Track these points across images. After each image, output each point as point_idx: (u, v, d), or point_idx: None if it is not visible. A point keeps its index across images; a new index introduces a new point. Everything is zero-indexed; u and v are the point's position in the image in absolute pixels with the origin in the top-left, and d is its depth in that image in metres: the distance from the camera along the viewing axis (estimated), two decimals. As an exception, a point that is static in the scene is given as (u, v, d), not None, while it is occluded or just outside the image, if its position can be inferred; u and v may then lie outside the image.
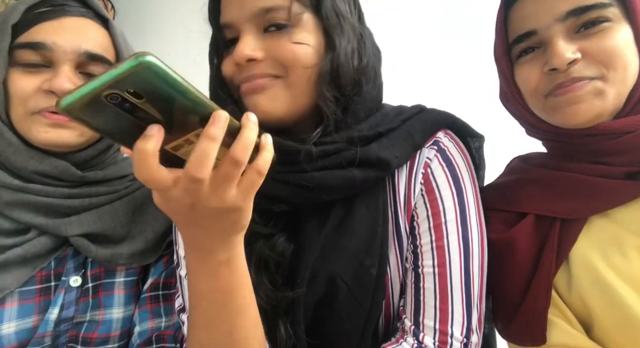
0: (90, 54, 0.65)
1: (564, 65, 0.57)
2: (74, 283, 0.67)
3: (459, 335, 0.58)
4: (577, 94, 0.57)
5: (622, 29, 0.57)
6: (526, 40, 0.61)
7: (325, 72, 0.57)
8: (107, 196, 0.70)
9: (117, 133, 0.34)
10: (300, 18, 0.57)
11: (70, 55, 0.63)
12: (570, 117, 0.59)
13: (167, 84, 0.31)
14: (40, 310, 0.64)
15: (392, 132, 0.62)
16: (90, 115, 0.31)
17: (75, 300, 0.66)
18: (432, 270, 0.59)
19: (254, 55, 0.55)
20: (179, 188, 0.37)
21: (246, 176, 0.39)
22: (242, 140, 0.37)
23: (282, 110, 0.58)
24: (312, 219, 0.60)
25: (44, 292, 0.65)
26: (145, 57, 0.29)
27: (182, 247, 0.65)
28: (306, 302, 0.58)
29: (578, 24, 0.57)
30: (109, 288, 0.70)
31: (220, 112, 0.35)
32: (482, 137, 0.71)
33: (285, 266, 0.60)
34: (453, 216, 0.60)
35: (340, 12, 0.60)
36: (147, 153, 0.33)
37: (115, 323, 0.69)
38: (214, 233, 0.43)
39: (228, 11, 0.58)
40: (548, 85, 0.60)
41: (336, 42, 0.58)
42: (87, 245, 0.66)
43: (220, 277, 0.46)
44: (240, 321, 0.49)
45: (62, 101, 0.29)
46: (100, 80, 0.29)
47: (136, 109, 0.32)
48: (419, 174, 0.62)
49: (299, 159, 0.57)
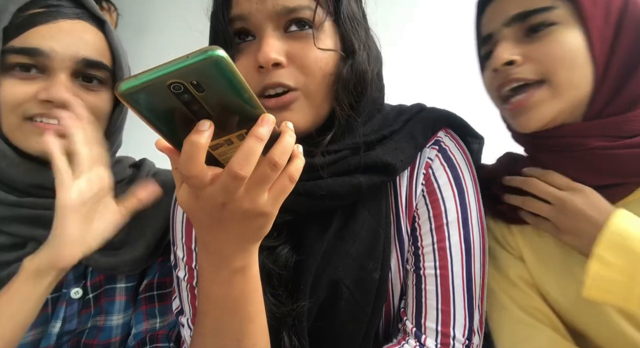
0: (88, 61, 0.62)
1: (499, 65, 0.58)
2: (75, 295, 0.65)
3: (461, 336, 0.57)
4: (524, 106, 0.59)
5: (570, 32, 0.56)
6: (487, 43, 0.64)
7: (346, 79, 0.56)
8: None
9: (164, 124, 0.34)
10: (322, 21, 0.55)
11: (68, 62, 0.61)
12: (524, 125, 0.61)
13: (231, 80, 0.31)
14: (37, 324, 0.62)
15: (396, 134, 0.61)
16: (145, 102, 0.32)
17: (77, 313, 0.65)
18: (433, 272, 0.59)
19: (279, 60, 0.53)
20: (215, 186, 0.37)
21: (278, 182, 0.40)
22: (282, 144, 0.37)
23: (308, 123, 0.57)
24: (314, 225, 0.60)
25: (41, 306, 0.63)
26: (217, 51, 0.30)
27: (180, 248, 0.65)
28: (309, 308, 0.58)
29: (523, 28, 0.58)
30: (111, 294, 0.69)
31: (269, 115, 0.36)
32: (482, 139, 0.71)
33: (287, 279, 0.59)
34: (455, 217, 0.60)
35: (354, 16, 0.59)
36: (199, 147, 0.34)
37: (116, 330, 0.69)
38: (236, 237, 0.42)
39: (245, 2, 0.55)
40: (494, 85, 0.63)
41: (355, 47, 0.57)
42: (90, 255, 0.63)
43: (234, 285, 0.45)
44: (250, 329, 0.48)
45: (123, 84, 0.30)
46: (169, 68, 0.30)
47: (193, 102, 0.32)
48: (421, 175, 0.62)
49: (306, 168, 0.57)
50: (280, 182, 0.40)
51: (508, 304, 0.63)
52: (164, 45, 1.76)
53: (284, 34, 0.55)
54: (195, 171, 0.35)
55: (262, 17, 0.54)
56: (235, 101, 0.33)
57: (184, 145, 0.34)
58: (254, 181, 0.37)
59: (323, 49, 0.55)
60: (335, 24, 0.57)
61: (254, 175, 0.37)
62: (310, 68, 0.54)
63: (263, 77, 0.54)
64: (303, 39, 0.55)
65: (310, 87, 0.55)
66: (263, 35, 0.54)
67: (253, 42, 0.56)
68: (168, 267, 0.71)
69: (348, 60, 0.57)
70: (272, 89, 0.55)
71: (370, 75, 0.59)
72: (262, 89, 0.55)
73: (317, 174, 0.56)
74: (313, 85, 0.55)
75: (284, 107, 0.55)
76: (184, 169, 0.35)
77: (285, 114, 0.55)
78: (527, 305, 0.62)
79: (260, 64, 0.53)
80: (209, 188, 0.37)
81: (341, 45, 0.57)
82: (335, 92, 0.57)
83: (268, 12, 0.54)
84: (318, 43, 0.55)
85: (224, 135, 0.36)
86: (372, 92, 0.61)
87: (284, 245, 0.60)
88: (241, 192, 0.38)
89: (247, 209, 0.39)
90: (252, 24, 0.55)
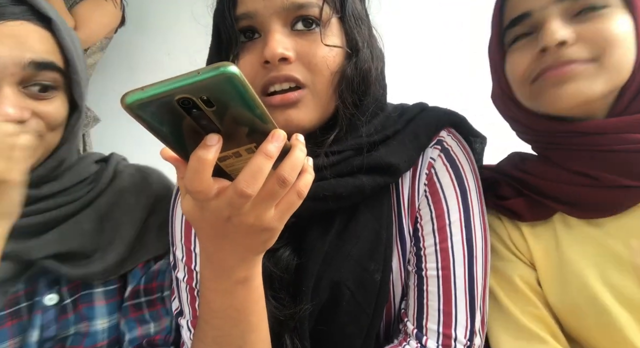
0: (37, 63, 0.55)
1: (554, 43, 0.54)
2: (50, 302, 0.62)
3: (463, 338, 0.57)
4: (565, 75, 0.55)
5: (621, 17, 0.55)
6: (520, 23, 0.59)
7: (350, 77, 0.56)
8: (68, 206, 0.63)
9: (170, 135, 0.33)
10: (329, 18, 0.55)
11: (12, 69, 0.54)
12: (555, 99, 0.56)
13: (243, 97, 0.31)
14: (14, 334, 0.60)
15: (399, 134, 0.61)
16: (151, 115, 0.31)
17: (54, 319, 0.62)
18: (435, 273, 0.58)
19: (287, 55, 0.52)
20: (221, 200, 0.36)
21: (286, 197, 0.39)
22: (292, 160, 0.37)
23: (313, 120, 0.56)
24: (315, 227, 0.59)
25: (14, 315, 0.60)
26: (229, 67, 0.29)
27: (180, 249, 0.64)
28: (310, 310, 0.57)
29: (576, 7, 0.55)
30: (89, 299, 0.65)
31: (279, 130, 0.35)
32: (484, 138, 0.71)
33: (289, 281, 0.59)
34: (457, 217, 0.59)
35: (358, 14, 0.58)
36: (206, 163, 0.33)
37: (102, 334, 0.66)
38: (239, 249, 0.42)
39: (251, 0, 0.54)
40: (536, 69, 0.58)
41: (359, 45, 0.57)
42: (58, 267, 0.61)
43: (236, 295, 0.45)
44: (252, 338, 0.48)
45: (129, 97, 0.29)
46: (178, 83, 0.29)
47: (202, 116, 0.31)
48: (423, 175, 0.61)
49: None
50: (288, 198, 0.39)
51: (511, 309, 0.62)
52: (167, 39, 1.75)
53: (291, 31, 0.54)
54: (201, 186, 0.35)
55: (270, 14, 0.53)
56: (246, 116, 0.33)
57: (190, 159, 0.33)
58: (261, 197, 0.37)
59: (330, 45, 0.55)
60: (340, 21, 0.57)
61: (262, 191, 0.36)
62: (318, 65, 0.54)
63: (268, 73, 0.53)
64: (310, 37, 0.54)
65: (317, 84, 0.55)
66: (269, 31, 0.54)
67: (258, 40, 0.56)
68: (153, 271, 0.69)
69: (352, 58, 0.56)
70: (278, 85, 0.54)
71: (374, 73, 0.59)
72: (266, 83, 0.54)
73: (320, 175, 0.56)
74: (320, 83, 0.55)
75: (291, 104, 0.54)
76: (189, 183, 0.34)
77: (290, 112, 0.54)
78: (530, 313, 0.61)
79: (266, 59, 0.52)
80: (214, 201, 0.37)
81: (346, 43, 0.57)
82: (339, 90, 0.56)
83: (276, 8, 0.53)
84: (325, 40, 0.54)
85: (232, 147, 0.35)
86: (375, 90, 0.60)
87: (285, 247, 0.59)
88: (247, 207, 0.37)
89: (253, 224, 0.38)
90: (259, 21, 0.54)
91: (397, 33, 1.57)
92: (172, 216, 0.67)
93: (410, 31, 1.66)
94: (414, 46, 1.65)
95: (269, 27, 0.54)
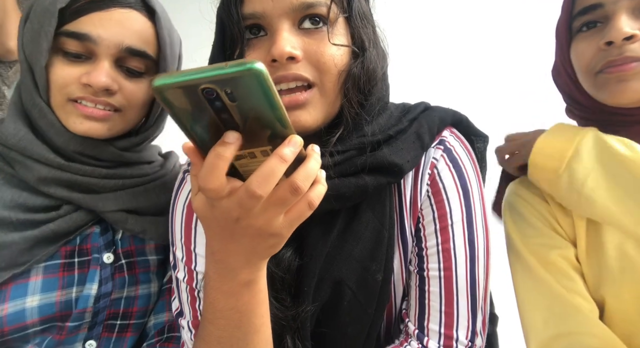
0: (132, 50, 0.65)
1: (620, 39, 0.57)
2: (108, 260, 0.69)
3: (464, 338, 0.57)
4: (628, 73, 0.58)
5: None
6: (590, 12, 0.61)
7: (356, 76, 0.56)
8: (140, 179, 0.73)
9: (192, 126, 0.34)
10: (337, 17, 0.55)
11: (113, 49, 0.64)
12: (617, 94, 0.59)
13: (267, 95, 0.31)
14: (64, 285, 0.66)
15: (402, 134, 0.61)
16: (176, 101, 0.32)
17: (110, 276, 0.69)
18: (437, 274, 0.58)
19: (295, 54, 0.52)
20: (232, 200, 0.37)
21: (297, 206, 0.39)
22: (306, 170, 0.37)
23: (319, 121, 0.56)
24: (317, 227, 0.59)
25: (67, 268, 0.67)
26: (256, 64, 0.30)
27: (180, 248, 0.64)
28: (312, 311, 0.57)
29: None
30: (144, 265, 0.74)
31: (297, 136, 0.36)
32: (486, 137, 0.70)
33: (290, 282, 0.58)
34: (459, 217, 0.59)
35: (364, 13, 0.58)
36: (223, 159, 0.33)
37: (153, 297, 0.74)
38: (245, 251, 0.42)
39: (258, 1, 0.54)
40: (600, 62, 0.60)
41: (366, 44, 0.57)
42: (125, 217, 0.69)
43: (240, 297, 0.44)
44: (254, 339, 0.48)
45: (158, 80, 0.31)
46: (205, 73, 0.30)
47: (223, 110, 0.32)
48: (426, 175, 0.61)
49: None
50: (298, 207, 0.39)
51: (547, 278, 0.61)
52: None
53: (298, 29, 0.54)
54: (214, 184, 0.35)
55: (278, 13, 0.53)
56: (267, 116, 0.33)
57: (208, 155, 0.34)
58: (272, 202, 0.37)
59: (337, 44, 0.54)
60: (346, 20, 0.57)
61: (273, 196, 0.36)
62: (327, 64, 0.54)
63: (275, 71, 0.53)
64: (317, 35, 0.54)
65: (325, 83, 0.54)
66: (277, 30, 0.53)
67: (265, 38, 0.55)
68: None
69: (359, 57, 0.56)
70: (285, 84, 0.54)
71: (380, 72, 0.59)
72: (274, 82, 0.54)
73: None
74: (328, 81, 0.54)
75: (299, 106, 0.54)
76: (203, 180, 0.35)
77: (298, 113, 0.54)
78: (567, 286, 0.60)
79: (274, 58, 0.52)
80: (225, 200, 0.37)
81: (352, 43, 0.57)
82: (345, 89, 0.56)
83: (285, 9, 0.53)
84: (332, 39, 0.54)
85: (248, 147, 0.36)
86: (379, 90, 0.60)
87: (287, 248, 0.59)
88: (257, 210, 0.37)
89: (261, 228, 0.38)
90: (267, 21, 0.54)
91: (399, 32, 1.57)
92: (172, 216, 0.67)
93: (411, 31, 1.66)
94: (414, 46, 1.65)
95: (276, 26, 0.53)
